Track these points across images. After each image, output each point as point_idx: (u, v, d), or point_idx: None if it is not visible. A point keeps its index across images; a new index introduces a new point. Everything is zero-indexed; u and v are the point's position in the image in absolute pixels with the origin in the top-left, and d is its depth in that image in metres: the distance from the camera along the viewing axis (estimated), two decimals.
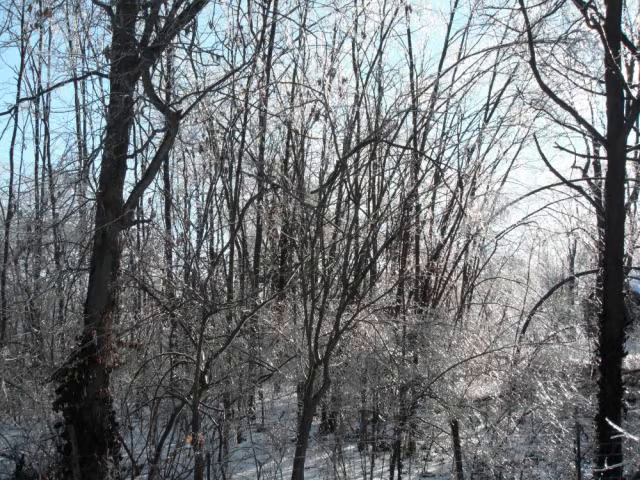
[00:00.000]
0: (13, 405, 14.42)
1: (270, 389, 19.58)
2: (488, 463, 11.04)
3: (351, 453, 14.26)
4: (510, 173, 23.13)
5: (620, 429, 7.05)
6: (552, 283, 26.54)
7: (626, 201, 15.55)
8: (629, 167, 15.86)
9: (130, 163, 21.93)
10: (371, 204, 18.22)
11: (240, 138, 16.93)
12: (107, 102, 10.43)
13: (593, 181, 15.81)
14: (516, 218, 28.42)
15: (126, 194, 9.99)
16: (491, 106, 19.14)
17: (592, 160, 19.69)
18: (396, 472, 12.42)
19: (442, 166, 17.09)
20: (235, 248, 19.77)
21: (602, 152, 16.66)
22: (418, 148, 17.41)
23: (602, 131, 15.36)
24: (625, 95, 10.70)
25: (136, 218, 12.44)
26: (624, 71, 13.40)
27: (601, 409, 10.08)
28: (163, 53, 10.18)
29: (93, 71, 10.60)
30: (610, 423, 7.13)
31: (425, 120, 16.77)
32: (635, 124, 16.39)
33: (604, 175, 12.68)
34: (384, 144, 12.35)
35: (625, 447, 10.29)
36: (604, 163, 16.00)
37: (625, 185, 12.82)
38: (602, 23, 10.41)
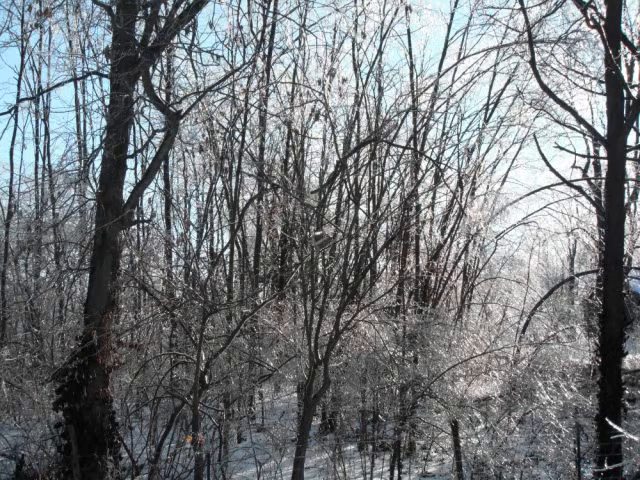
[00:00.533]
0: (13, 405, 14.41)
1: (270, 389, 19.57)
2: (488, 463, 11.04)
3: (351, 453, 14.25)
4: (510, 173, 23.18)
5: (620, 429, 7.05)
6: (552, 283, 26.51)
7: (626, 201, 15.56)
8: (629, 167, 15.87)
9: (130, 163, 21.98)
10: (371, 204, 18.22)
11: (240, 138, 16.92)
12: (107, 102, 10.44)
13: (593, 181, 15.81)
14: (516, 218, 28.41)
15: (126, 194, 10.00)
16: (491, 106, 19.15)
17: (592, 160, 19.69)
18: (396, 472, 12.42)
19: (442, 166, 17.08)
20: (235, 248, 19.78)
21: (602, 152, 16.65)
22: (418, 148, 17.40)
23: (602, 131, 15.36)
24: (625, 95, 10.70)
25: (136, 218, 12.46)
26: (624, 71, 13.40)
27: (601, 409, 10.08)
28: (163, 53, 10.18)
29: (93, 71, 10.59)
30: (610, 423, 7.12)
31: (425, 120, 16.76)
32: (635, 124, 16.40)
33: (604, 175, 12.68)
34: (384, 144, 12.34)
35: (625, 447, 10.29)
36: (604, 163, 16.01)
37: (625, 185, 12.82)
38: (602, 23, 10.41)
